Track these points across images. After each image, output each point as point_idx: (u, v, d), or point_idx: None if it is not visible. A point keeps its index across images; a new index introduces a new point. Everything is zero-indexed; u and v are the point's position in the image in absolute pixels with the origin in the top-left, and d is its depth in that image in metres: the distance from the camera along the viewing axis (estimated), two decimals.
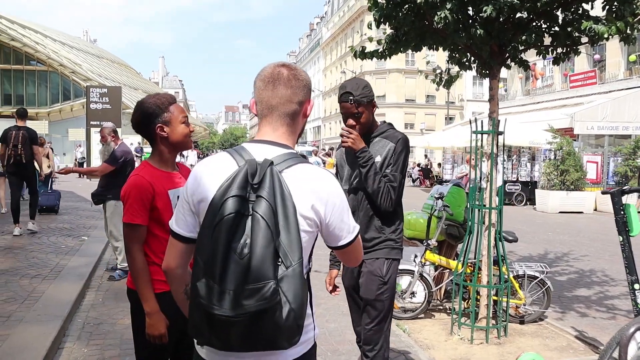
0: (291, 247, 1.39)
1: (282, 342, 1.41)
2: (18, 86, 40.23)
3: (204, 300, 1.38)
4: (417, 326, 5.13)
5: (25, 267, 6.48)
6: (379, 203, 2.79)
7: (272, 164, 1.47)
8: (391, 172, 2.82)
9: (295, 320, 1.39)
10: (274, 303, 1.35)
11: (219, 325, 1.38)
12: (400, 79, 50.47)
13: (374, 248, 2.89)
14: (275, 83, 1.60)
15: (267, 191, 1.41)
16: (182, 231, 1.60)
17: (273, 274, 1.36)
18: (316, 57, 74.60)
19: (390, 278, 2.88)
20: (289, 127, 1.64)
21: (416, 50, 4.97)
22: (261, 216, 1.38)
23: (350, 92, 2.80)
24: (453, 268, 5.25)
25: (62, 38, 45.91)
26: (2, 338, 4.12)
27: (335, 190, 1.57)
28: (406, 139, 2.92)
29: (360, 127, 2.86)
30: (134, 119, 2.36)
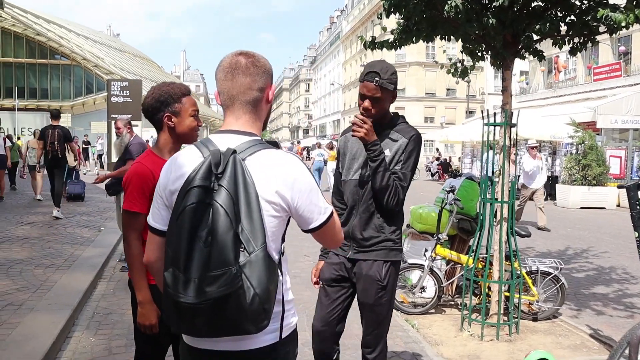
0: (253, 233, 1.42)
1: (249, 327, 1.43)
2: (42, 80, 40.93)
3: (170, 289, 1.44)
4: (426, 321, 5.06)
5: (41, 257, 6.57)
6: (385, 201, 2.58)
7: (235, 152, 1.49)
8: (401, 170, 2.61)
9: (261, 304, 1.41)
10: (236, 288, 1.38)
11: (185, 312, 1.42)
12: (420, 72, 49.99)
13: (372, 248, 2.68)
14: (234, 72, 1.61)
15: (227, 180, 1.44)
16: (158, 225, 1.64)
17: (234, 260, 1.39)
18: (336, 51, 74.30)
19: (389, 281, 2.68)
20: (251, 114, 1.65)
21: (427, 40, 4.88)
22: (220, 205, 1.41)
23: (377, 73, 2.55)
24: (464, 263, 5.16)
25: (85, 32, 46.56)
26: (12, 326, 4.18)
27: (300, 173, 1.56)
28: (419, 136, 2.70)
29: (375, 113, 2.62)
30: (145, 104, 2.36)
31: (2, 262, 6.25)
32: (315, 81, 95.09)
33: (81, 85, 41.09)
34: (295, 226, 1.67)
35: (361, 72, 2.67)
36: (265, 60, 1.68)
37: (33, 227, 8.69)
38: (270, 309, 1.45)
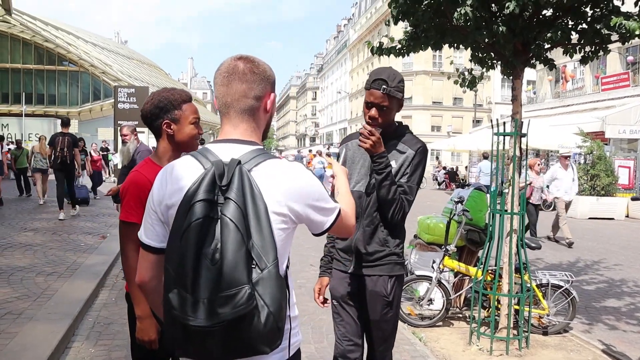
0: (265, 248, 1.33)
1: (263, 347, 1.35)
2: (50, 86, 41.21)
3: (177, 312, 1.33)
4: (434, 334, 4.95)
5: (43, 264, 6.51)
6: (391, 215, 2.48)
7: (240, 163, 1.40)
8: (407, 183, 2.51)
9: (275, 323, 1.33)
10: (251, 308, 1.29)
11: (195, 336, 1.33)
12: (427, 81, 49.95)
13: (376, 263, 2.56)
14: (230, 78, 1.52)
15: (235, 192, 1.35)
16: (151, 242, 1.54)
17: (247, 279, 1.30)
18: (343, 59, 74.43)
19: (394, 297, 2.59)
20: (249, 123, 1.56)
21: (436, 48, 4.80)
22: (230, 219, 1.32)
23: (385, 80, 2.45)
24: (473, 275, 5.05)
25: (93, 39, 46.86)
26: (10, 336, 4.10)
27: (307, 181, 1.49)
28: (425, 148, 2.60)
29: (382, 122, 2.51)
30: (143, 110, 2.27)
31: (4, 269, 6.19)
32: (322, 89, 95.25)
33: (88, 92, 41.34)
34: (300, 234, 1.59)
35: (367, 79, 2.57)
36: (266, 66, 1.58)
37: (36, 233, 8.64)
38: (283, 327, 1.38)
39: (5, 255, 6.90)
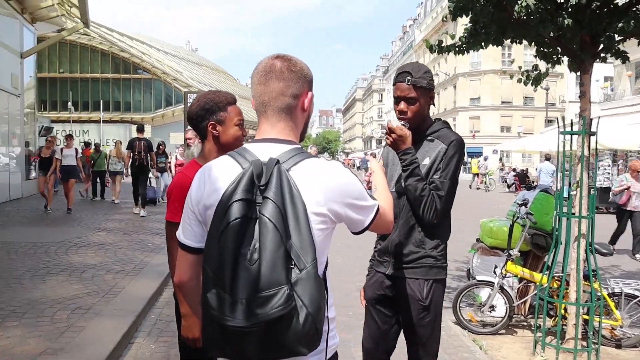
0: (303, 248, 1.31)
1: (302, 349, 1.32)
2: (126, 93, 43.40)
3: (215, 312, 1.32)
4: (496, 342, 4.74)
5: (112, 263, 6.81)
6: (422, 214, 2.39)
7: (279, 162, 1.39)
8: (439, 179, 2.41)
9: (313, 324, 1.31)
10: (290, 309, 1.27)
11: (233, 336, 1.32)
12: (496, 80, 48.35)
13: (411, 265, 2.48)
14: (267, 77, 1.51)
15: (274, 192, 1.33)
16: (190, 242, 1.55)
17: (286, 279, 1.28)
18: (409, 60, 73.57)
19: (432, 301, 2.46)
20: (287, 122, 1.54)
21: (497, 44, 4.60)
22: (268, 219, 1.30)
23: (409, 72, 2.42)
24: (537, 281, 4.80)
25: (165, 48, 48.90)
26: (78, 329, 4.31)
27: (346, 181, 1.47)
28: (461, 141, 2.49)
29: (412, 116, 2.45)
30: (190, 112, 2.32)
31: (77, 266, 6.53)
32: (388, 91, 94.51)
33: (161, 98, 43.18)
34: None
35: (393, 77, 2.55)
36: (304, 65, 1.57)
37: (109, 233, 9.08)
38: (321, 328, 1.35)
39: (79, 254, 7.29)
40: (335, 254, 8.43)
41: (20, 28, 15.91)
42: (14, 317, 4.57)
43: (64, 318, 4.58)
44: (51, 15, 17.57)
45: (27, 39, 16.49)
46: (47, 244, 7.83)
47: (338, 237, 1.67)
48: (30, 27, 16.74)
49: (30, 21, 16.54)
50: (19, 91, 15.74)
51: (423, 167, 2.44)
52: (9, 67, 15.09)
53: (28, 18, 16.32)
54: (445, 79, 54.33)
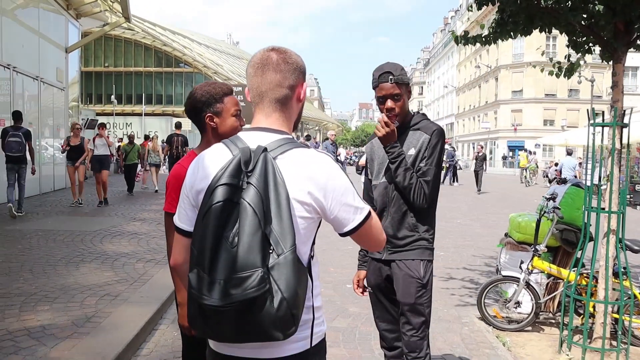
0: (283, 234, 1.34)
1: (276, 333, 1.35)
2: (167, 87, 44.38)
3: (194, 291, 1.37)
4: (520, 340, 4.63)
5: (144, 252, 7.00)
6: (412, 200, 2.61)
7: (266, 150, 1.43)
8: (425, 167, 2.63)
9: (288, 309, 1.33)
10: (263, 292, 1.30)
11: (210, 315, 1.35)
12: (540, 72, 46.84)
13: (407, 248, 2.68)
14: (264, 68, 1.55)
15: (257, 178, 1.37)
16: (184, 226, 1.58)
17: (262, 262, 1.31)
18: (450, 52, 72.32)
19: (428, 280, 2.68)
20: (281, 112, 1.58)
21: (525, 34, 4.46)
22: (248, 203, 1.34)
23: (390, 72, 2.62)
24: (565, 278, 4.66)
25: (206, 42, 49.66)
26: (105, 315, 4.45)
27: (333, 173, 1.49)
28: (441, 131, 2.71)
29: (400, 111, 2.65)
30: (187, 104, 2.36)
31: (110, 254, 6.74)
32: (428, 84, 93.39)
33: None
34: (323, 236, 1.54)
35: (372, 80, 2.70)
36: (298, 57, 1.61)
37: (143, 223, 9.32)
38: (298, 314, 1.37)
39: (113, 242, 7.52)
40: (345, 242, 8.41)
41: (66, 23, 16.46)
42: (46, 302, 4.76)
43: (92, 304, 4.74)
44: (95, 11, 18.11)
45: (72, 34, 17.05)
46: (83, 233, 8.11)
47: None
48: (75, 22, 17.29)
49: (75, 17, 17.08)
50: (64, 85, 16.30)
51: (409, 157, 2.64)
52: (55, 61, 15.65)
53: (73, 14, 16.86)
54: (487, 71, 53.16)
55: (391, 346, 2.88)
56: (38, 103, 14.00)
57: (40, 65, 14.17)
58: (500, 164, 48.52)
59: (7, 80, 12.13)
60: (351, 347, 4.26)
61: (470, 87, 61.90)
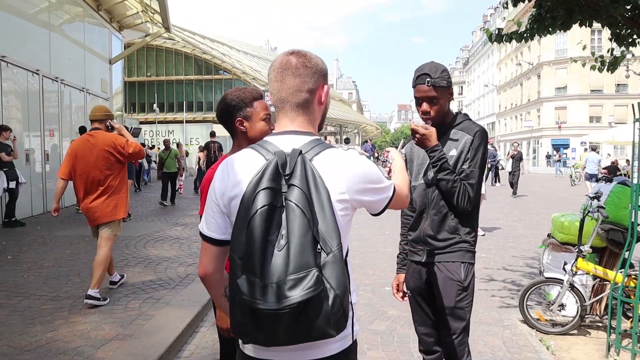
0: (329, 233, 1.36)
1: (331, 331, 1.36)
2: (208, 94, 45.16)
3: (246, 297, 1.35)
4: (565, 343, 4.50)
5: (186, 256, 7.15)
6: (456, 203, 2.54)
7: (302, 152, 1.45)
8: (469, 168, 2.55)
9: (341, 306, 1.35)
10: (319, 291, 1.31)
11: (265, 320, 1.34)
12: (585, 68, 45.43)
13: (447, 250, 2.61)
14: (283, 74, 1.57)
15: (299, 179, 1.39)
16: (214, 234, 1.57)
17: (314, 262, 1.33)
18: (490, 50, 70.95)
19: (469, 283, 2.61)
20: (305, 116, 1.60)
21: (564, 29, 4.36)
22: (295, 204, 1.35)
23: (427, 74, 2.55)
24: (612, 279, 4.50)
25: (245, 48, 50.35)
26: (148, 317, 4.57)
27: (365, 169, 1.53)
28: (484, 131, 2.63)
29: (435, 115, 2.59)
30: (218, 110, 2.40)
31: (153, 259, 6.91)
32: (468, 83, 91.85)
33: None
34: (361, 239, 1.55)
35: (412, 79, 2.65)
36: (318, 59, 1.61)
37: (185, 228, 9.52)
38: (347, 310, 1.40)
39: (156, 247, 7.71)
40: None
41: (109, 36, 17.03)
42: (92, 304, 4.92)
43: (136, 307, 4.88)
44: (136, 23, 18.67)
45: (115, 46, 17.63)
46: (128, 238, 8.35)
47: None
48: (118, 34, 17.87)
49: (117, 29, 17.66)
50: (108, 95, 16.85)
51: (451, 158, 2.58)
52: (99, 72, 16.20)
53: (116, 26, 17.43)
54: (529, 68, 51.90)
55: (429, 350, 2.83)
56: (84, 113, 14.50)
57: (86, 77, 14.70)
58: (544, 162, 47.23)
59: (56, 93, 12.64)
60: (390, 349, 4.23)
61: (511, 85, 60.55)
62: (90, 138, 5.03)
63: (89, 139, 5.03)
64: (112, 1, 15.78)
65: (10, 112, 10.76)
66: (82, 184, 4.97)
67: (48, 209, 11.82)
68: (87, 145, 4.98)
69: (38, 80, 11.66)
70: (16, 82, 10.90)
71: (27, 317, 4.57)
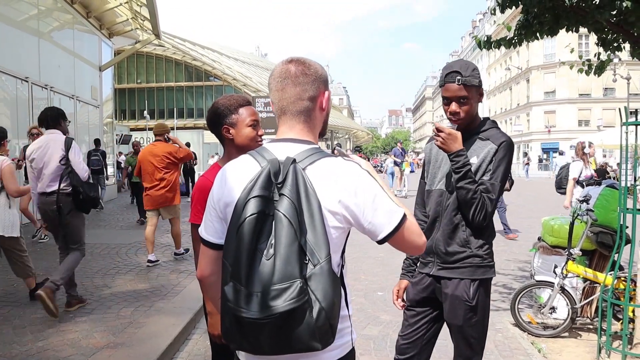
0: (317, 244, 1.35)
1: (315, 344, 1.35)
2: (198, 100, 45.18)
3: (232, 304, 1.36)
4: (557, 346, 4.53)
5: (177, 263, 7.15)
6: (471, 216, 2.35)
7: (295, 161, 1.43)
8: (490, 181, 2.36)
9: (327, 319, 1.33)
10: (302, 302, 1.30)
11: (248, 328, 1.35)
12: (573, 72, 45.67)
13: (456, 265, 2.43)
14: (283, 82, 1.55)
15: (289, 189, 1.37)
16: (211, 238, 1.58)
17: (299, 273, 1.31)
18: (479, 56, 71.45)
19: (478, 301, 2.41)
20: (305, 123, 1.58)
21: (551, 34, 4.41)
22: (283, 214, 1.34)
23: (458, 72, 2.36)
24: (602, 282, 4.54)
25: (235, 55, 50.40)
26: (140, 325, 4.55)
27: (363, 182, 1.47)
28: (511, 143, 2.42)
29: (465, 116, 2.41)
30: (207, 118, 2.42)
31: (144, 266, 6.89)
32: None
33: None
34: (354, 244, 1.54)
35: (440, 77, 2.48)
36: (318, 66, 1.60)
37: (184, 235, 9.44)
38: (335, 324, 1.38)
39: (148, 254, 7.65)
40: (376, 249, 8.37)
41: (99, 43, 16.98)
42: (84, 312, 4.90)
43: (128, 314, 4.85)
44: (126, 30, 18.62)
45: (105, 53, 17.57)
46: (119, 246, 8.31)
47: None
48: (108, 41, 17.81)
49: (107, 36, 17.60)
50: (99, 102, 16.78)
51: (471, 165, 2.39)
52: (89, 79, 16.14)
53: (105, 33, 17.37)
54: (518, 73, 52.32)
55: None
56: (74, 121, 14.43)
57: (76, 84, 14.63)
58: (535, 167, 47.56)
59: (45, 100, 12.56)
60: (382, 355, 4.24)
61: (500, 90, 61.03)
62: (154, 147, 7.06)
63: (152, 148, 7.08)
64: (102, 8, 15.75)
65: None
66: (148, 179, 6.98)
67: (37, 217, 11.72)
68: (151, 152, 6.99)
69: (27, 87, 11.59)
70: (5, 89, 10.83)
71: (17, 326, 4.53)
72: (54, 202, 4.89)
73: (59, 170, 4.91)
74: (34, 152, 4.97)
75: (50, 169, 4.91)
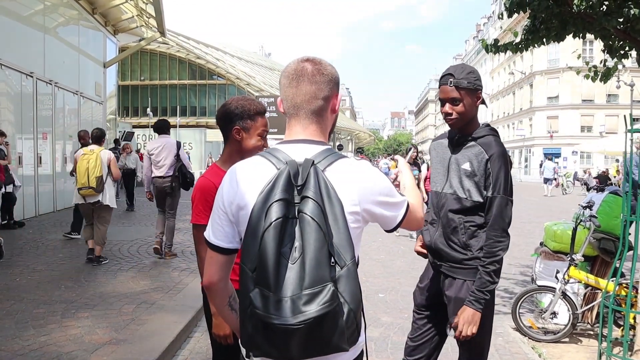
0: (343, 246, 1.34)
1: (344, 345, 1.34)
2: (201, 98, 45.23)
3: (260, 311, 1.31)
4: (557, 351, 4.53)
5: (179, 260, 7.15)
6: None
7: (314, 162, 1.41)
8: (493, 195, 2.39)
9: (354, 320, 1.34)
10: (335, 305, 1.28)
11: (279, 335, 1.30)
12: (576, 78, 45.75)
13: (458, 266, 2.47)
14: (299, 80, 1.52)
15: (313, 191, 1.35)
16: (221, 243, 1.51)
17: (329, 276, 1.29)
18: (483, 59, 71.43)
19: None
20: (318, 124, 1.55)
21: (558, 40, 4.41)
22: (311, 217, 1.31)
23: (451, 74, 2.44)
24: (603, 288, 4.54)
25: (239, 54, 50.41)
26: (142, 322, 4.56)
27: (376, 179, 1.50)
28: (503, 153, 2.43)
29: (457, 117, 2.44)
30: (219, 112, 2.38)
31: (146, 263, 6.90)
32: None
33: None
34: None
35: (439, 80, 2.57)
36: (332, 68, 1.57)
37: (178, 233, 9.37)
38: (360, 324, 1.39)
39: (149, 252, 7.68)
40: (377, 251, 8.37)
41: (104, 39, 17.01)
42: (86, 309, 4.91)
43: (130, 311, 4.86)
44: (131, 27, 18.65)
45: (109, 50, 17.60)
46: (121, 242, 8.33)
47: None
48: (113, 38, 17.85)
49: (112, 33, 17.64)
50: (102, 98, 16.81)
51: (463, 171, 2.45)
52: (93, 76, 16.17)
53: (110, 30, 17.41)
54: (521, 77, 52.30)
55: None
56: (78, 117, 14.46)
57: (80, 80, 14.66)
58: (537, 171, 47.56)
59: (49, 95, 12.60)
60: (383, 356, 4.25)
61: (504, 94, 60.98)
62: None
63: None
64: (107, 5, 15.78)
65: (3, 114, 10.73)
66: None
67: (40, 212, 11.77)
68: None
69: (32, 82, 11.62)
70: (10, 84, 10.86)
71: (19, 321, 4.55)
72: (169, 182, 7.15)
73: (173, 162, 7.19)
74: (154, 149, 7.19)
75: (169, 162, 7.17)
